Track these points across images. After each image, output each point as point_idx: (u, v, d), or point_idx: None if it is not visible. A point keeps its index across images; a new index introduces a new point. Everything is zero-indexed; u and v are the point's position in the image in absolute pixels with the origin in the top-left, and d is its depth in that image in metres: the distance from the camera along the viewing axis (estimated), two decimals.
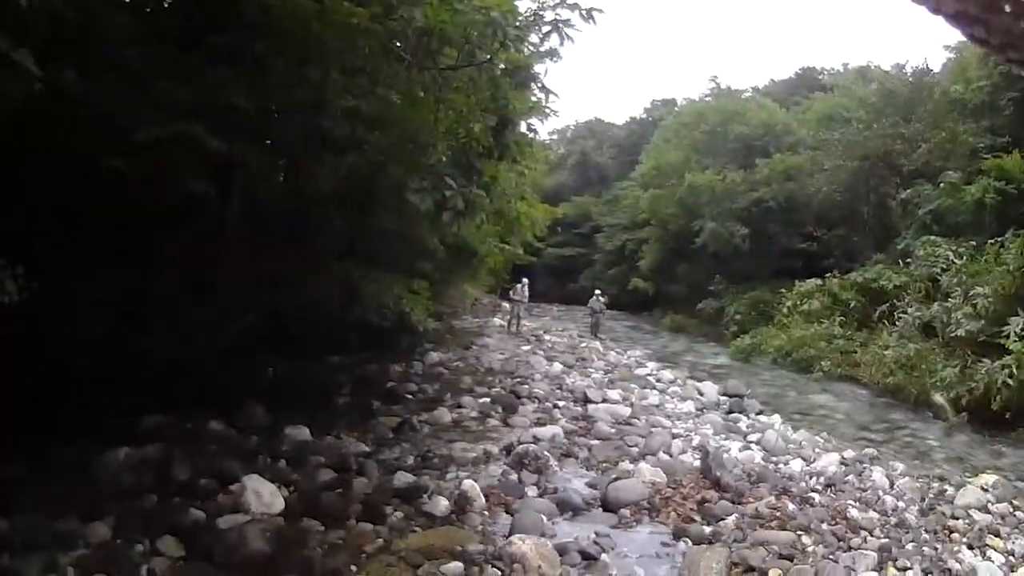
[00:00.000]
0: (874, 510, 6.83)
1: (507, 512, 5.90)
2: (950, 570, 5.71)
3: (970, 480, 8.10)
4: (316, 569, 4.82)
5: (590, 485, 6.70)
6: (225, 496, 5.50)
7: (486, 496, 6.02)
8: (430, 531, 5.43)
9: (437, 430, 8.08)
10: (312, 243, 7.35)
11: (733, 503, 6.50)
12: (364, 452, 6.96)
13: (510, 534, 5.36)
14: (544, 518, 5.81)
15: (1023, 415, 10.54)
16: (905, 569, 5.65)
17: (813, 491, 7.18)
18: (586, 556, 5.28)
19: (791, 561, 5.43)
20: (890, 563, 5.70)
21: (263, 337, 7.97)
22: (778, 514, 6.32)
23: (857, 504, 6.90)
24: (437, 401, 9.37)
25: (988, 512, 7.07)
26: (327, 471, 6.35)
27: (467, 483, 6.05)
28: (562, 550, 5.26)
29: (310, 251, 7.47)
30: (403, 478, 6.30)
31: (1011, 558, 6.10)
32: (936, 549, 6.09)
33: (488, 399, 9.75)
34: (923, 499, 7.42)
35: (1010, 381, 10.69)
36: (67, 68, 4.65)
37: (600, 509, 6.28)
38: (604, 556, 5.32)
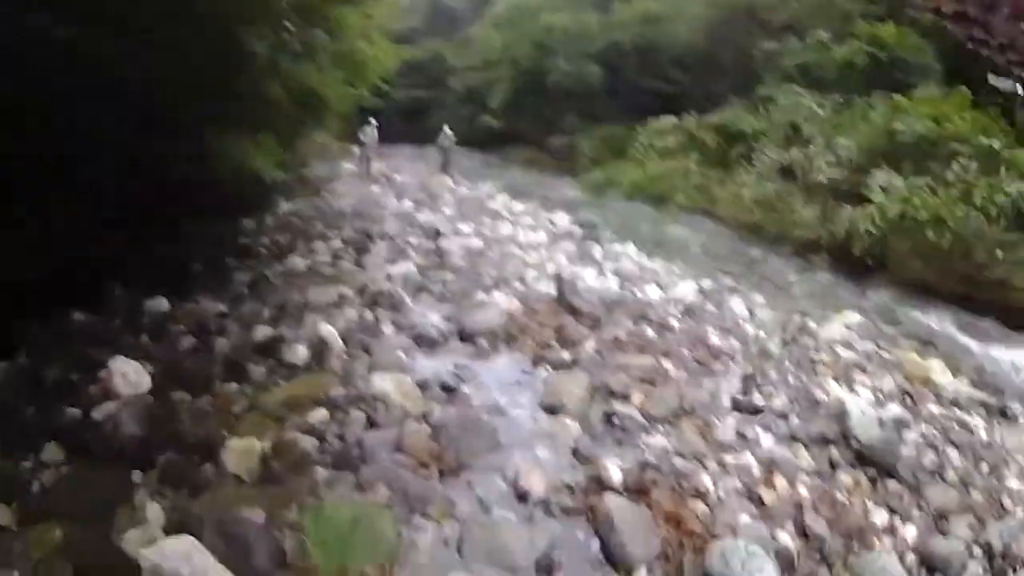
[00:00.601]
0: (735, 339, 7.10)
1: (366, 352, 5.96)
2: (817, 401, 5.99)
3: (833, 317, 8.48)
4: (189, 439, 4.78)
5: (446, 318, 6.79)
6: (95, 386, 5.27)
7: (344, 339, 6.03)
8: (293, 381, 5.47)
9: (292, 279, 7.95)
10: (149, 102, 6.70)
11: (591, 329, 6.70)
12: (222, 312, 6.80)
13: (370, 374, 5.45)
14: (402, 354, 5.94)
15: (884, 265, 11.00)
16: (770, 397, 5.94)
17: (671, 318, 7.39)
18: (447, 388, 5.45)
19: (653, 385, 5.68)
20: (755, 389, 5.97)
21: (116, 214, 7.43)
22: (637, 340, 6.54)
23: (717, 332, 7.16)
24: (290, 251, 9.19)
25: (853, 350, 7.41)
26: (188, 338, 6.21)
27: (324, 329, 6.02)
28: (423, 384, 5.42)
29: (150, 112, 6.83)
30: (262, 332, 6.22)
31: (879, 395, 6.43)
32: (801, 380, 6.41)
33: (340, 243, 9.64)
34: (785, 331, 7.71)
35: (872, 230, 11.10)
36: None
37: (458, 340, 6.40)
38: (464, 387, 5.50)
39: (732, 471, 4.85)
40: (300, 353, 5.79)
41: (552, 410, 5.27)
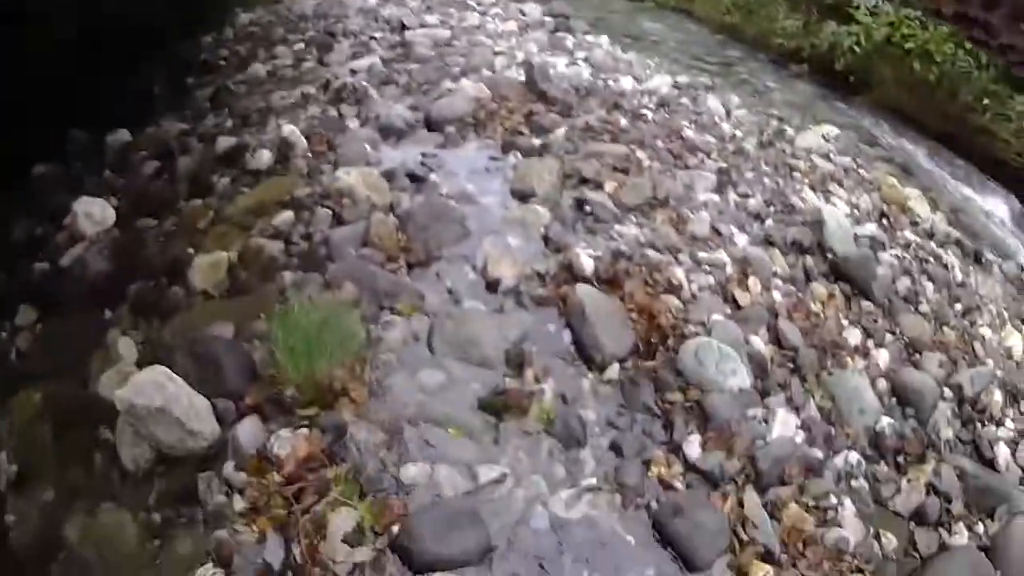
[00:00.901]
0: (710, 135, 6.61)
1: (330, 149, 5.58)
2: (793, 206, 5.67)
3: (811, 127, 7.91)
4: (156, 265, 4.60)
5: (412, 107, 6.30)
6: (62, 233, 5.07)
7: (307, 138, 5.63)
8: (257, 188, 5.16)
9: (253, 87, 7.42)
10: None
11: (562, 116, 6.21)
12: (184, 130, 6.40)
13: (335, 170, 5.11)
14: (368, 147, 5.55)
15: (865, 83, 10.19)
16: (746, 196, 5.60)
17: (645, 109, 6.87)
18: (414, 178, 5.10)
19: (626, 174, 5.30)
20: (730, 187, 5.62)
21: (69, 52, 6.82)
22: (610, 128, 6.07)
23: (693, 127, 6.67)
24: (252, 59, 8.52)
25: (830, 162, 6.95)
26: (150, 163, 5.86)
27: (287, 129, 5.62)
28: (389, 176, 5.08)
29: None
30: (224, 143, 5.83)
31: (856, 211, 6.07)
32: (778, 184, 6.02)
33: (303, 45, 8.95)
34: (762, 133, 7.22)
35: (856, 49, 10.23)
36: None
37: (424, 130, 5.97)
38: (432, 176, 5.15)
39: (706, 268, 4.64)
40: (263, 158, 5.43)
41: (522, 196, 4.96)
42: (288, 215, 4.69)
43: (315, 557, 2.89)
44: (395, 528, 2.95)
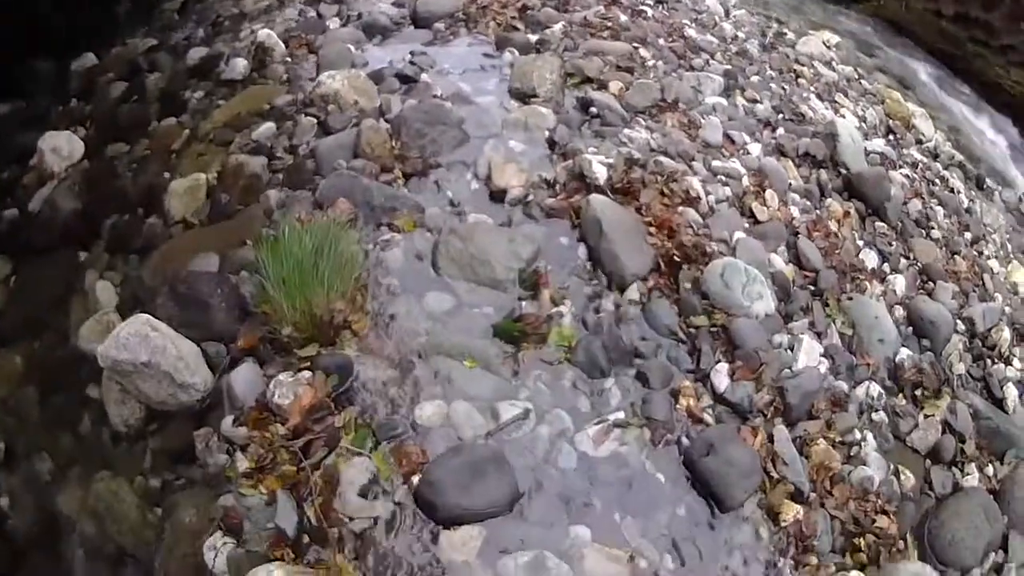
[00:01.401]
0: (712, 35, 5.98)
1: (311, 52, 4.94)
2: (803, 115, 5.15)
3: (811, 32, 7.16)
4: (130, 194, 4.09)
5: (397, 3, 5.59)
6: (29, 173, 4.50)
7: (285, 42, 5.00)
8: (234, 99, 4.56)
9: None
10: None
11: (558, 11, 5.53)
12: (152, 46, 5.69)
13: (318, 74, 4.51)
14: (351, 48, 4.91)
15: None
16: (755, 102, 5.03)
17: (644, 5, 6.14)
18: (405, 79, 4.48)
19: (631, 74, 4.71)
20: (738, 91, 5.04)
21: None
22: (609, 24, 5.40)
23: (694, 25, 6.02)
24: None
25: (833, 70, 6.34)
26: (118, 84, 5.19)
27: (262, 33, 4.96)
28: (377, 78, 4.47)
29: None
30: (196, 54, 5.20)
31: (863, 124, 5.50)
32: (785, 90, 5.46)
33: None
34: (763, 35, 6.57)
35: None
36: None
37: (411, 27, 5.32)
38: (424, 76, 4.52)
39: (721, 178, 4.07)
40: (239, 67, 4.80)
41: (522, 96, 4.34)
42: (269, 126, 4.13)
43: (330, 516, 2.50)
44: (415, 479, 2.56)
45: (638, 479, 2.78)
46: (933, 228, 4.82)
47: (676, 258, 3.41)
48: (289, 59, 4.88)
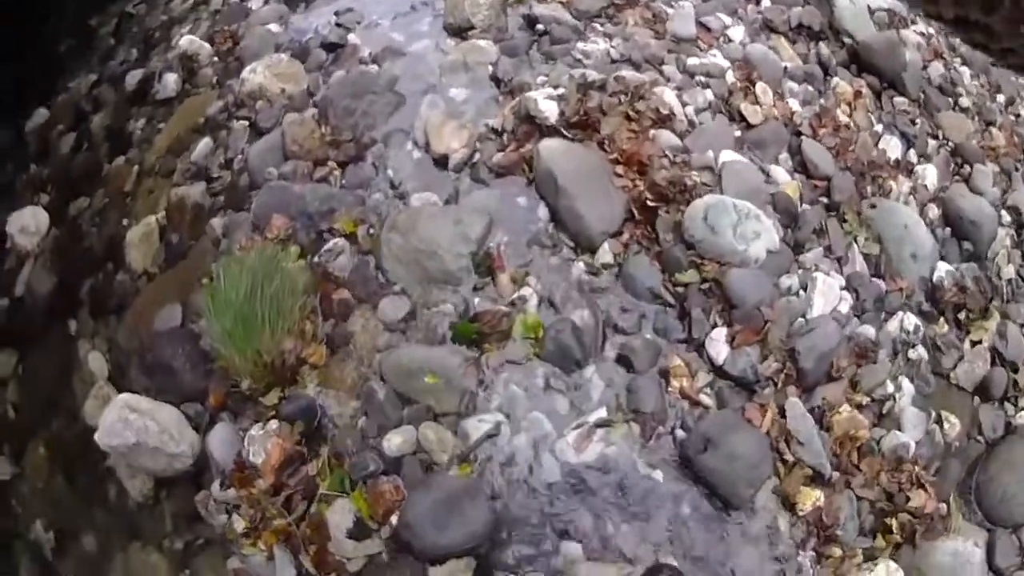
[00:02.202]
0: None
1: (235, 44, 4.53)
2: None
3: None
4: (96, 251, 3.90)
5: None
6: (8, 258, 4.30)
7: (210, 40, 4.61)
8: (171, 120, 4.26)
9: (153, 6, 6.21)
10: None
11: None
12: (94, 82, 5.33)
13: (242, 69, 4.07)
14: (274, 27, 4.47)
15: None
16: None
17: None
18: (331, 47, 4.05)
19: None
20: None
21: None
22: None
23: None
24: None
25: None
26: (68, 137, 4.92)
27: (184, 41, 4.58)
28: (302, 54, 4.05)
29: None
30: (133, 79, 4.82)
31: None
32: None
33: None
34: None
35: None
36: None
37: None
38: (351, 36, 4.05)
39: (700, 79, 3.46)
40: (170, 83, 4.46)
41: (458, 31, 3.81)
42: (206, 143, 3.83)
43: (326, 561, 2.40)
44: (393, 519, 2.38)
45: (631, 481, 2.46)
46: (961, 95, 4.09)
47: (650, 201, 2.87)
48: (217, 59, 4.50)
